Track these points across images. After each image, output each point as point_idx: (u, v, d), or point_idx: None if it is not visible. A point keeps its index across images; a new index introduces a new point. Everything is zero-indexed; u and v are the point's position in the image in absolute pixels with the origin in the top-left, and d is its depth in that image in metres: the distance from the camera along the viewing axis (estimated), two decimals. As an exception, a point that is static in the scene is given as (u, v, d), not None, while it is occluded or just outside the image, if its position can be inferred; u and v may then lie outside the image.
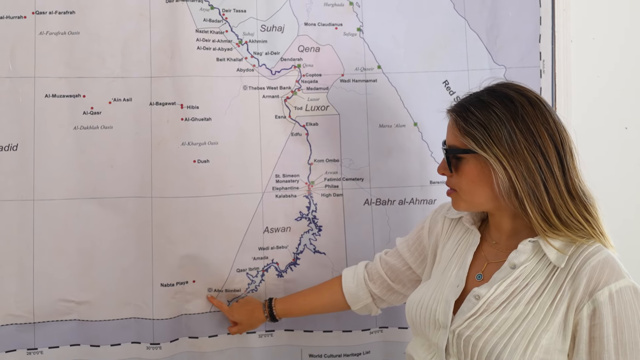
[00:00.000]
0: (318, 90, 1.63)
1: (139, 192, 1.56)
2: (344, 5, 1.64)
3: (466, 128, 1.09)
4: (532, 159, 1.04)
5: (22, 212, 1.52)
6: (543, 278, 1.05)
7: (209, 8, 1.58)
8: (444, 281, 1.19)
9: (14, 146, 1.52)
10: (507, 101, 1.07)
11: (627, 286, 1.00)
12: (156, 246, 1.56)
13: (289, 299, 1.56)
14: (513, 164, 1.04)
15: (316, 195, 1.64)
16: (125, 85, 1.55)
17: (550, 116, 1.07)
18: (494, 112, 1.07)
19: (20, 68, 1.51)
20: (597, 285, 0.99)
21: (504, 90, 1.10)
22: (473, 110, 1.09)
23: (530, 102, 1.07)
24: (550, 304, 1.03)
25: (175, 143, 1.56)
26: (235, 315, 1.58)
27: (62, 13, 1.53)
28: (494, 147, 1.05)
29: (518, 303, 1.05)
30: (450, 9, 1.67)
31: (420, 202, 1.66)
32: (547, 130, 1.05)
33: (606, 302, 0.98)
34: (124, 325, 1.58)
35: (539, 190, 1.03)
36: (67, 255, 1.54)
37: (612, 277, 1.00)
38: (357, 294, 1.45)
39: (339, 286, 1.48)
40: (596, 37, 1.76)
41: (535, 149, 1.04)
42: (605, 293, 0.99)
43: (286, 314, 1.55)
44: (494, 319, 1.06)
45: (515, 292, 1.06)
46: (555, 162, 1.04)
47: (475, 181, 1.11)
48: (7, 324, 1.52)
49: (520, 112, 1.06)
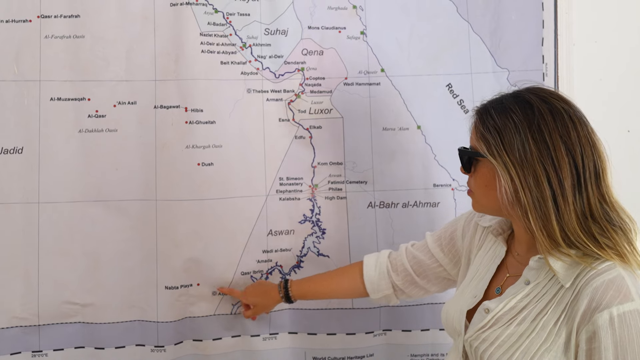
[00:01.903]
0: (322, 93, 1.64)
1: (143, 194, 1.56)
2: (348, 9, 1.65)
3: (482, 131, 1.06)
4: (542, 172, 0.98)
5: (27, 214, 1.52)
6: (550, 296, 1.01)
7: (213, 11, 1.58)
8: (467, 291, 1.18)
9: (19, 149, 1.52)
10: (527, 108, 1.02)
11: (633, 310, 0.93)
12: (160, 249, 1.57)
13: (306, 281, 1.53)
14: (521, 173, 1.00)
15: (320, 198, 1.64)
16: (130, 88, 1.55)
17: (574, 129, 1.00)
18: (511, 118, 1.02)
19: (25, 71, 1.52)
20: (597, 307, 0.94)
21: (528, 96, 1.04)
22: (493, 113, 1.05)
23: (553, 111, 1.01)
24: (554, 323, 0.99)
25: (180, 146, 1.56)
26: (250, 297, 1.56)
27: (67, 17, 1.53)
28: (504, 155, 1.01)
29: (524, 319, 1.03)
30: (453, 12, 1.67)
31: (423, 205, 1.67)
32: (565, 144, 0.99)
33: (605, 325, 0.93)
34: (129, 327, 1.58)
35: (546, 205, 0.98)
36: (71, 257, 1.54)
37: (615, 299, 0.93)
38: (378, 284, 1.42)
39: (359, 273, 1.44)
40: (598, 41, 1.76)
41: (548, 161, 0.98)
42: (605, 316, 0.93)
43: (302, 296, 1.52)
44: (499, 333, 1.05)
45: (525, 308, 1.04)
46: (568, 178, 0.98)
47: (486, 185, 1.08)
48: (12, 326, 1.52)
49: (538, 121, 1.00)
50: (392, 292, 1.41)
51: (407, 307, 1.67)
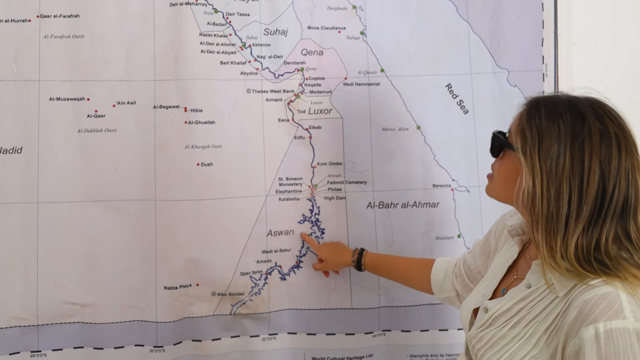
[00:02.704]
0: (321, 93, 1.64)
1: (142, 195, 1.56)
2: (347, 9, 1.65)
3: (524, 126, 1.01)
4: (566, 189, 0.94)
5: (26, 214, 1.52)
6: (546, 303, 0.99)
7: (213, 11, 1.58)
8: (480, 289, 1.18)
9: (19, 149, 1.52)
10: (578, 121, 0.96)
11: (623, 328, 0.87)
12: (160, 249, 1.57)
13: (381, 256, 1.56)
14: (545, 182, 0.95)
15: (319, 198, 1.64)
16: (129, 88, 1.55)
17: (617, 158, 0.94)
18: (557, 124, 0.97)
19: (24, 71, 1.51)
20: (584, 321, 0.89)
21: (584, 108, 0.98)
22: (542, 112, 0.99)
23: (603, 134, 0.95)
24: (544, 331, 0.97)
25: (179, 146, 1.56)
26: (323, 252, 1.60)
27: (67, 17, 1.53)
28: (536, 158, 0.97)
29: (518, 323, 1.01)
30: (453, 12, 1.67)
31: (423, 205, 1.66)
32: (601, 170, 0.93)
33: (591, 340, 0.87)
34: (128, 327, 1.58)
35: (557, 221, 0.94)
36: (71, 257, 1.54)
37: (603, 314, 0.88)
38: (442, 285, 1.41)
39: (428, 270, 1.43)
40: (598, 41, 1.76)
41: (576, 181, 0.93)
42: (591, 331, 0.88)
43: (372, 269, 1.55)
44: (494, 334, 1.04)
45: (521, 312, 1.02)
46: (589, 205, 0.93)
47: (507, 177, 1.06)
48: (11, 326, 1.52)
49: (584, 138, 0.95)
50: (455, 296, 1.40)
51: (406, 307, 1.67)
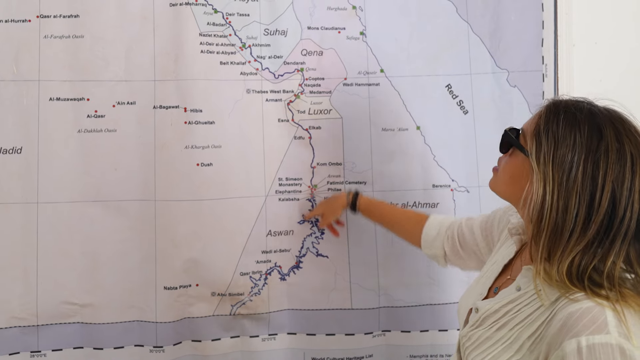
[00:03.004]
0: (321, 93, 1.64)
1: (142, 195, 1.56)
2: (347, 10, 1.65)
3: (541, 131, 0.98)
4: (575, 203, 0.91)
5: (26, 214, 1.52)
6: (533, 309, 0.97)
7: (213, 12, 1.58)
8: (477, 286, 1.17)
9: (19, 149, 1.52)
10: (596, 135, 0.93)
11: (605, 343, 0.85)
12: (159, 249, 1.57)
13: (376, 201, 1.57)
14: (556, 193, 0.93)
15: (319, 198, 1.64)
16: (129, 88, 1.55)
17: (631, 180, 0.91)
18: (574, 136, 0.94)
19: (24, 71, 1.52)
20: (567, 334, 0.87)
21: (603, 123, 0.95)
22: (561, 120, 0.96)
23: (620, 152, 0.92)
24: (528, 337, 0.95)
25: (179, 146, 1.56)
26: (318, 208, 1.62)
27: (67, 17, 1.53)
28: (549, 167, 0.94)
29: (504, 326, 1.01)
30: (452, 13, 1.67)
31: (422, 205, 1.66)
32: (613, 190, 0.90)
33: (573, 354, 0.86)
34: (127, 328, 1.58)
35: (561, 233, 0.92)
36: (70, 258, 1.54)
37: (587, 329, 0.86)
38: (432, 243, 1.41)
39: (421, 226, 1.43)
40: (598, 41, 1.76)
41: (586, 197, 0.91)
42: (573, 345, 0.86)
43: (366, 211, 1.56)
44: (481, 334, 1.04)
45: (508, 314, 1.01)
46: (596, 224, 0.91)
47: (512, 176, 1.05)
48: (11, 326, 1.52)
49: (599, 153, 0.92)
50: (442, 255, 1.40)
51: (406, 308, 1.67)
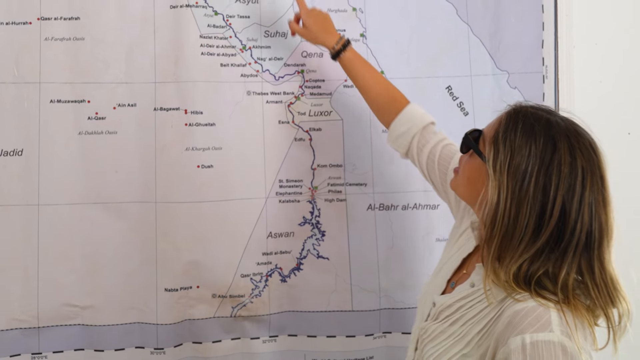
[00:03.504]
0: (321, 95, 1.64)
1: (143, 197, 1.56)
2: (348, 11, 1.65)
3: (498, 138, 0.99)
4: (526, 212, 0.93)
5: (26, 217, 1.52)
6: (484, 305, 1.00)
7: (213, 14, 1.58)
8: (438, 279, 1.18)
9: (19, 151, 1.52)
10: (550, 148, 0.95)
11: (548, 341, 0.88)
12: (160, 251, 1.57)
13: (361, 62, 1.45)
14: (509, 200, 0.95)
15: (319, 200, 1.64)
16: (130, 90, 1.55)
17: (581, 193, 0.93)
18: (529, 146, 0.95)
19: (25, 74, 1.52)
20: (513, 331, 0.90)
21: (558, 136, 0.96)
22: (519, 129, 0.98)
23: (572, 166, 0.93)
24: (477, 333, 0.98)
25: (179, 148, 1.56)
26: (311, 21, 1.49)
27: (67, 19, 1.53)
28: (505, 175, 0.96)
29: (457, 321, 1.03)
30: (452, 14, 1.68)
31: (423, 207, 1.67)
32: (563, 203, 0.92)
33: (518, 350, 0.88)
34: (128, 330, 1.58)
35: (511, 239, 0.95)
36: (71, 259, 1.54)
37: (531, 326, 0.89)
38: (396, 140, 1.38)
39: (395, 112, 1.38)
40: (599, 43, 1.76)
41: (536, 208, 0.93)
42: (518, 341, 0.89)
43: (348, 59, 1.45)
44: (436, 328, 1.06)
45: (461, 309, 1.03)
46: (546, 235, 0.93)
47: (469, 178, 1.07)
48: (12, 328, 1.52)
49: (552, 167, 0.93)
50: (405, 153, 1.38)
51: (407, 309, 1.67)
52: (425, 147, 1.33)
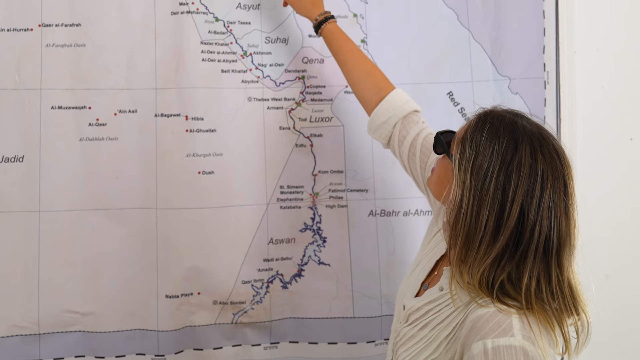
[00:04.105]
0: (322, 101, 1.64)
1: (143, 203, 1.56)
2: (348, 17, 1.65)
3: (466, 138, 1.01)
4: (486, 212, 0.94)
5: (27, 223, 1.52)
6: (451, 310, 1.00)
7: (214, 20, 1.59)
8: (412, 280, 1.18)
9: (20, 157, 1.52)
10: (511, 149, 0.96)
11: (510, 345, 0.88)
12: (161, 257, 1.56)
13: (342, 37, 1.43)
14: (471, 199, 0.96)
15: (320, 206, 1.64)
16: (131, 96, 1.55)
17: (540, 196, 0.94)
18: (492, 147, 0.97)
19: (26, 80, 1.52)
20: (475, 336, 0.91)
21: (521, 138, 0.97)
22: (485, 130, 0.99)
23: (532, 168, 0.94)
24: (445, 337, 0.99)
25: (180, 154, 1.56)
26: None
27: (68, 25, 1.54)
28: (468, 174, 0.97)
29: (426, 325, 1.03)
30: (454, 20, 1.68)
31: (425, 213, 1.66)
32: (522, 204, 0.93)
33: (480, 355, 0.89)
34: (129, 336, 1.57)
35: (473, 240, 0.95)
36: (72, 266, 1.54)
37: (492, 332, 0.90)
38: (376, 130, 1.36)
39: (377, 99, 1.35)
40: (600, 48, 1.75)
41: (495, 208, 0.94)
42: (480, 347, 0.89)
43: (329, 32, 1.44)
44: (407, 331, 1.07)
45: (429, 313, 1.04)
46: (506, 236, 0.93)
47: (439, 178, 1.09)
48: (12, 335, 1.52)
49: (512, 168, 0.94)
50: (386, 144, 1.37)
51: (408, 316, 1.66)
52: (405, 140, 1.32)
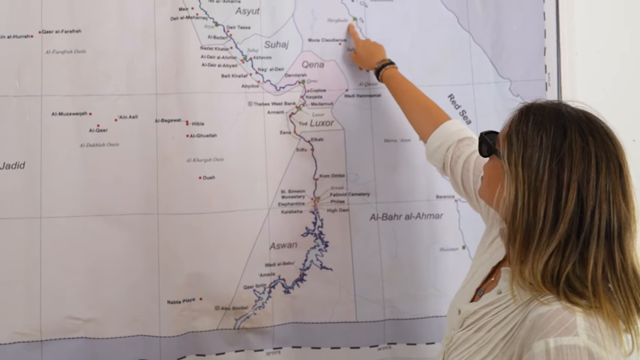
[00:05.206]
0: (323, 105, 1.64)
1: (145, 209, 1.56)
2: (348, 21, 1.65)
3: (511, 134, 0.99)
4: (543, 202, 0.92)
5: (29, 229, 1.52)
6: (509, 311, 0.98)
7: (214, 25, 1.59)
8: (468, 288, 1.17)
9: (21, 164, 1.52)
10: (560, 135, 0.94)
11: (573, 345, 0.85)
12: (162, 263, 1.56)
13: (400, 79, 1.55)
14: (527, 192, 0.94)
15: (322, 210, 1.64)
16: (131, 102, 1.56)
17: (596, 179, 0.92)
18: (541, 136, 0.95)
19: (27, 86, 1.52)
20: (537, 335, 0.88)
21: (568, 123, 0.95)
22: (530, 121, 0.98)
23: (584, 152, 0.92)
24: (502, 338, 0.97)
25: (181, 159, 1.56)
26: (360, 48, 1.62)
27: (68, 32, 1.54)
28: (519, 167, 0.95)
29: (481, 328, 1.02)
30: (454, 23, 1.68)
31: (426, 216, 1.66)
32: (578, 190, 0.91)
33: (542, 355, 0.86)
34: (131, 342, 1.57)
35: (532, 233, 0.93)
36: (73, 272, 1.54)
37: (555, 330, 0.87)
38: (432, 154, 1.38)
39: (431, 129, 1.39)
40: (601, 50, 1.75)
41: (552, 197, 0.92)
42: (542, 346, 0.87)
43: (387, 83, 1.56)
44: (460, 336, 1.05)
45: (486, 316, 1.02)
46: (566, 224, 0.91)
47: (490, 178, 1.07)
48: (15, 342, 1.52)
49: (564, 154, 0.92)
50: (442, 168, 1.38)
51: (411, 320, 1.65)
52: (460, 159, 1.32)
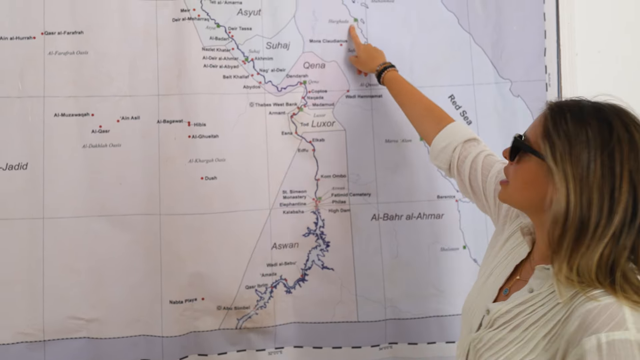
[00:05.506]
0: (324, 106, 1.64)
1: (147, 209, 1.56)
2: (349, 22, 1.66)
3: (551, 132, 0.98)
4: (597, 197, 0.92)
5: (31, 230, 1.52)
6: (547, 309, 0.97)
7: (215, 26, 1.59)
8: (487, 287, 1.16)
9: (24, 165, 1.53)
10: (606, 128, 0.94)
11: (625, 339, 0.85)
12: (165, 263, 1.57)
13: (401, 81, 1.55)
14: (578, 190, 0.93)
15: (323, 211, 1.64)
16: (133, 103, 1.56)
17: None
18: (586, 131, 0.95)
19: (29, 88, 1.53)
20: (586, 331, 0.88)
21: (610, 116, 0.96)
22: (568, 118, 0.97)
23: (631, 142, 0.93)
24: (543, 337, 0.96)
25: (183, 160, 1.56)
26: (361, 51, 1.62)
27: (71, 33, 1.54)
28: (567, 165, 0.94)
29: (517, 327, 1.01)
30: (454, 23, 1.68)
31: (428, 216, 1.66)
32: (631, 180, 0.92)
33: (593, 350, 0.86)
34: (133, 342, 1.57)
35: (586, 230, 0.92)
36: (76, 272, 1.54)
37: (606, 325, 0.87)
38: (438, 155, 1.37)
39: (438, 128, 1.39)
40: (602, 50, 1.75)
41: (606, 190, 0.91)
42: (593, 341, 0.86)
43: (388, 85, 1.56)
44: (492, 336, 1.04)
45: (520, 315, 1.01)
46: (619, 214, 0.91)
47: (527, 182, 1.04)
48: (17, 342, 1.52)
49: (613, 146, 0.93)
50: (447, 169, 1.37)
51: (413, 320, 1.66)
52: (467, 159, 1.32)
